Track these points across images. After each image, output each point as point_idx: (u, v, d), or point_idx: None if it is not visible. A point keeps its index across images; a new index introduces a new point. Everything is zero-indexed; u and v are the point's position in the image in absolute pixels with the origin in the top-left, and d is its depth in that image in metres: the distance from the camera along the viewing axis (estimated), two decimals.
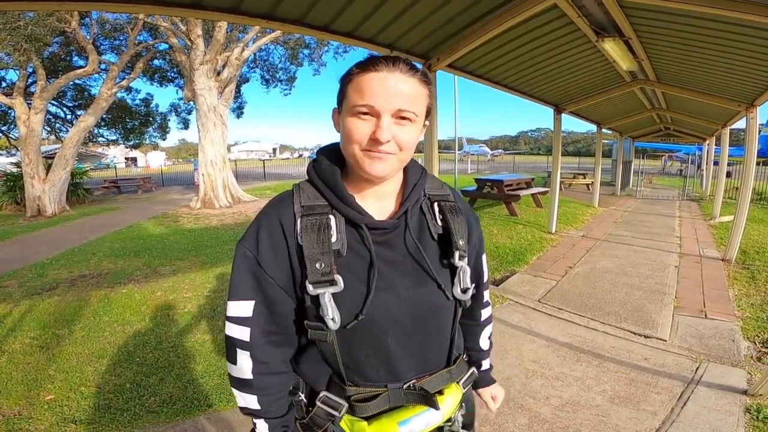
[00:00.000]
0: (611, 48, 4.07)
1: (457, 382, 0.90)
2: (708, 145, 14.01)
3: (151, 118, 18.40)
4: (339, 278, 0.73)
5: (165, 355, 3.12)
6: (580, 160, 35.30)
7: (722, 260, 5.54)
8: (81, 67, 12.90)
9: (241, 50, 12.29)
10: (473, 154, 40.64)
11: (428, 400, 0.81)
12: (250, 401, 0.81)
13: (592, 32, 3.80)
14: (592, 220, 8.89)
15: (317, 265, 0.73)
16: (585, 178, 15.32)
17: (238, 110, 18.11)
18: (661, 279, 4.78)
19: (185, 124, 19.17)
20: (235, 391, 0.83)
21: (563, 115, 7.16)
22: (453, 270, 0.84)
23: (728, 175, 12.99)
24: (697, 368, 2.87)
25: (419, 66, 0.78)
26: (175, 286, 4.71)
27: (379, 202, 0.83)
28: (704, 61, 4.24)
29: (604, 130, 11.39)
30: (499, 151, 59.29)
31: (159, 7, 2.30)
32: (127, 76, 13.43)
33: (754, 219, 8.50)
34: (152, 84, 16.29)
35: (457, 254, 0.83)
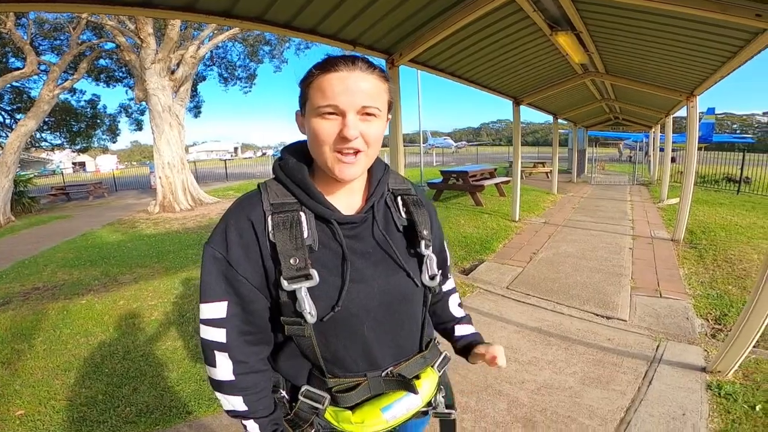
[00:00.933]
0: (564, 41, 4.24)
1: (432, 366, 0.94)
2: (654, 132, 14.89)
3: (98, 120, 17.42)
4: (314, 272, 0.75)
5: (135, 365, 3.00)
6: (539, 150, 36.70)
7: (672, 240, 5.92)
8: (18, 68, 12.01)
9: (196, 48, 11.82)
10: (438, 147, 41.27)
11: (407, 385, 0.85)
12: (236, 403, 0.81)
13: (546, 26, 3.94)
14: (552, 206, 9.26)
15: (291, 261, 0.74)
16: (544, 166, 15.91)
17: (196, 110, 17.46)
18: (617, 261, 5.05)
19: (138, 126, 18.25)
20: (218, 395, 0.82)
21: (522, 106, 7.38)
22: (420, 258, 0.88)
23: (673, 160, 13.88)
24: (657, 347, 3.02)
25: (379, 62, 0.81)
26: (138, 295, 4.51)
27: (346, 198, 0.85)
28: (648, 54, 4.50)
29: (560, 121, 11.87)
30: (463, 143, 60.36)
31: (106, 7, 2.17)
32: (70, 77, 12.63)
33: (699, 201, 9.15)
34: (98, 84, 15.41)
35: (422, 243, 0.87)
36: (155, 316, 3.90)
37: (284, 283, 0.74)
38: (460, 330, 1.09)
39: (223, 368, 0.79)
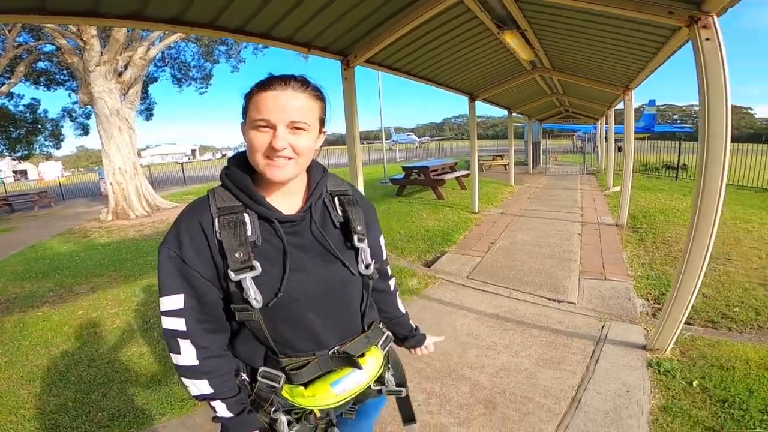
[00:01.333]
0: (511, 40, 4.46)
1: (376, 345, 1.06)
2: (600, 124, 15.74)
3: (40, 126, 16.33)
4: (257, 263, 0.86)
5: (102, 372, 2.96)
6: (498, 143, 37.75)
7: (616, 226, 6.36)
8: None
9: (146, 49, 11.33)
10: (401, 143, 41.58)
11: (351, 361, 0.97)
12: (202, 386, 0.90)
13: (494, 26, 4.14)
14: (509, 197, 9.65)
15: (236, 255, 0.85)
16: (502, 159, 16.46)
17: (147, 112, 16.69)
18: (568, 247, 5.38)
19: (84, 130, 17.22)
20: (185, 381, 0.90)
21: (477, 102, 7.64)
22: (355, 251, 1.01)
23: (619, 149, 14.73)
24: (603, 327, 3.22)
25: (314, 82, 0.92)
26: (97, 304, 4.36)
27: (287, 200, 0.95)
28: (588, 51, 4.82)
29: (515, 115, 12.33)
30: (426, 138, 61.13)
31: (52, 17, 2.11)
32: (6, 81, 11.79)
33: (642, 187, 9.82)
34: (38, 88, 14.41)
35: (356, 237, 1.00)
36: (117, 324, 3.81)
37: (231, 275, 0.85)
38: (408, 325, 1.32)
39: (187, 354, 0.88)
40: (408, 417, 1.22)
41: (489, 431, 2.19)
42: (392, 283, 1.27)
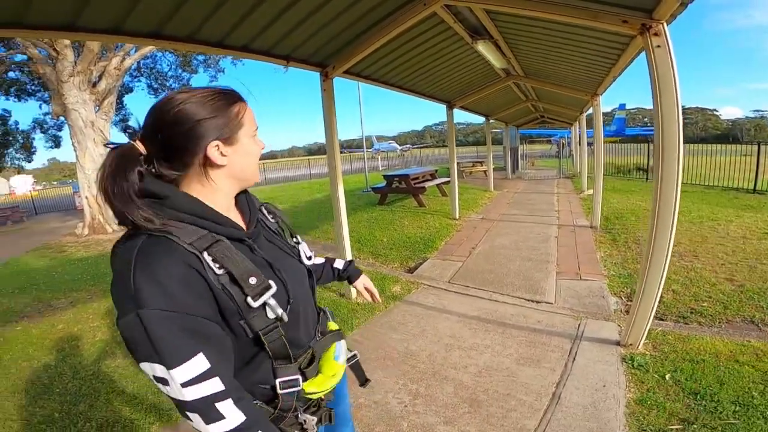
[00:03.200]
0: (484, 48, 4.62)
1: (329, 320, 1.17)
2: (574, 128, 16.22)
3: (10, 138, 15.81)
4: (271, 282, 0.84)
5: (87, 383, 2.94)
6: (478, 149, 38.38)
7: (590, 227, 6.58)
8: None
9: (121, 59, 11.16)
10: (383, 151, 41.76)
11: (339, 334, 1.10)
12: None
13: (467, 35, 4.29)
14: (489, 203, 9.85)
15: (251, 281, 0.80)
16: (482, 165, 16.75)
17: (123, 123, 16.36)
18: (545, 249, 5.55)
19: (55, 143, 16.76)
20: None
21: (455, 109, 7.81)
22: (297, 247, 1.10)
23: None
24: (579, 325, 3.33)
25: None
26: (77, 318, 4.29)
27: (234, 217, 0.93)
28: (556, 58, 5.03)
29: (492, 121, 12.61)
30: (408, 146, 61.50)
31: (23, 30, 2.12)
32: None
33: (614, 189, 10.16)
34: (8, 99, 13.99)
35: (292, 236, 1.11)
36: (99, 337, 3.77)
37: (251, 302, 0.79)
38: (339, 263, 1.44)
39: (233, 414, 0.74)
40: (364, 379, 1.28)
41: (475, 428, 2.26)
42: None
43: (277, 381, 0.90)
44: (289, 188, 18.60)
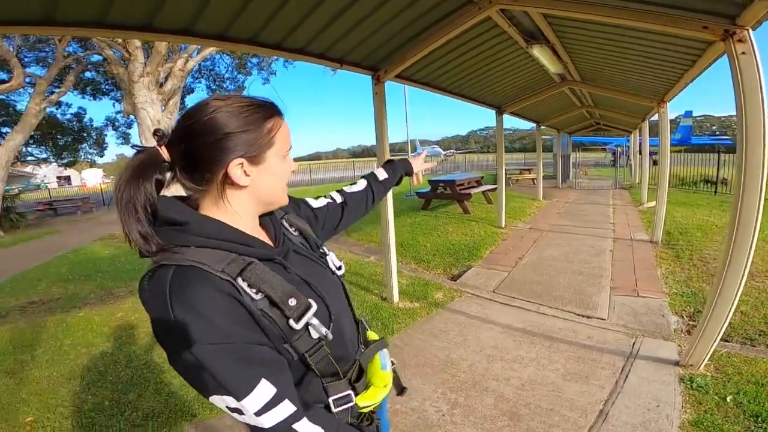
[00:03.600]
0: (539, 53, 4.47)
1: (367, 328, 1.12)
2: (634, 136, 15.34)
3: (85, 134, 17.32)
4: (311, 300, 0.78)
5: (139, 372, 3.10)
6: (526, 156, 37.23)
7: (650, 242, 6.16)
8: (4, 81, 11.96)
9: (185, 61, 11.89)
10: (427, 156, 41.59)
11: (381, 343, 1.04)
12: None
13: (522, 40, 4.16)
14: (537, 212, 9.50)
15: (291, 303, 0.75)
16: (530, 173, 16.24)
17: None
18: (598, 263, 5.26)
19: (125, 139, 18.17)
20: None
21: (505, 115, 7.62)
22: (325, 258, 1.02)
23: (655, 163, 14.26)
24: (634, 343, 3.17)
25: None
26: (135, 307, 4.56)
27: (260, 236, 0.87)
28: (620, 64, 4.76)
29: (543, 127, 12.19)
30: (452, 151, 60.97)
31: (107, 30, 2.29)
32: (56, 90, 12.59)
33: (678, 202, 9.47)
34: (84, 98, 15.34)
35: (322, 248, 1.03)
36: None
37: (293, 324, 0.75)
38: (380, 174, 1.39)
39: (313, 431, 0.75)
40: (401, 388, 1.20)
41: None
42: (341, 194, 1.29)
43: (330, 399, 0.86)
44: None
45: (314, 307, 0.78)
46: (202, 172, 0.77)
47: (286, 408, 0.70)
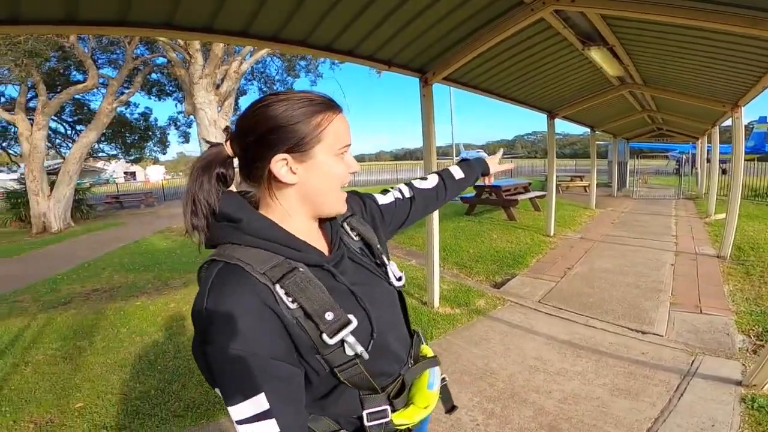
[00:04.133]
0: (597, 55, 4.24)
1: (423, 343, 1.06)
2: (701, 143, 14.21)
3: (150, 132, 18.55)
4: (351, 316, 0.74)
5: (185, 363, 3.24)
6: (577, 162, 35.51)
7: (717, 257, 5.67)
8: (80, 81, 13.02)
9: (239, 63, 12.47)
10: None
11: (433, 360, 0.97)
12: None
13: (578, 42, 3.97)
14: (589, 221, 9.04)
15: (327, 317, 0.71)
16: (582, 180, 15.50)
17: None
18: (657, 277, 4.91)
19: (185, 138, 19.32)
20: None
21: (557, 119, 7.33)
22: (385, 267, 0.95)
23: (724, 172, 13.15)
24: (693, 361, 2.98)
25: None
26: (187, 298, 4.82)
27: (316, 239, 0.84)
28: (687, 66, 4.42)
29: (598, 133, 11.59)
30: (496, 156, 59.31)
31: (173, 31, 2.44)
32: (126, 91, 13.56)
33: (749, 215, 8.65)
34: (150, 98, 16.47)
35: (382, 256, 0.96)
36: None
37: (327, 340, 0.71)
38: (456, 172, 1.33)
39: None
40: (451, 405, 1.13)
41: None
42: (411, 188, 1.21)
43: (365, 412, 0.83)
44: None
45: (353, 323, 0.74)
46: (253, 169, 0.77)
47: (268, 427, 0.66)
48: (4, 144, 16.56)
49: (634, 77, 5.54)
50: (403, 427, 0.88)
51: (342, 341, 0.73)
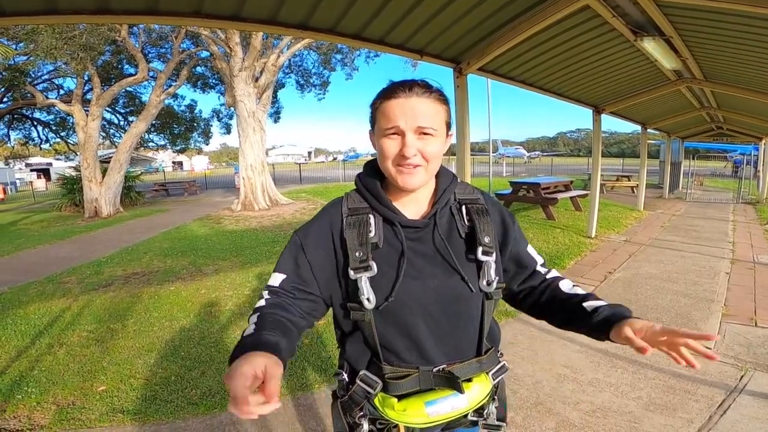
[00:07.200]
0: (651, 47, 3.92)
1: (487, 373, 0.96)
2: (764, 144, 13.05)
3: (195, 124, 19.32)
4: (373, 264, 0.86)
5: (207, 351, 3.29)
6: (624, 162, 33.61)
7: None
8: (132, 74, 13.71)
9: (276, 56, 12.69)
10: (509, 157, 39.94)
11: (453, 383, 0.88)
12: (251, 320, 0.83)
13: (629, 32, 3.68)
14: (636, 224, 8.52)
15: (356, 254, 0.87)
16: (629, 180, 14.67)
17: (276, 115, 18.63)
18: (709, 286, 4.55)
19: (227, 129, 19.99)
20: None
21: (603, 115, 6.93)
22: (478, 264, 0.92)
23: None
24: (742, 376, 2.77)
25: (435, 85, 0.89)
26: (217, 285, 4.95)
27: (414, 206, 0.95)
28: (755, 59, 4.01)
29: (649, 131, 10.89)
30: (536, 153, 57.72)
31: (201, 20, 2.45)
32: (173, 84, 14.15)
33: None
34: (195, 90, 17.12)
35: (480, 250, 0.91)
36: (229, 307, 4.26)
37: (351, 273, 0.87)
38: (592, 304, 0.94)
39: (264, 294, 0.91)
40: None
41: None
42: (551, 274, 1.06)
43: (362, 372, 0.92)
44: None
45: (372, 271, 0.86)
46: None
47: (275, 279, 0.92)
48: (63, 134, 17.76)
49: (693, 71, 5.09)
50: (383, 414, 0.90)
51: (357, 282, 0.86)
